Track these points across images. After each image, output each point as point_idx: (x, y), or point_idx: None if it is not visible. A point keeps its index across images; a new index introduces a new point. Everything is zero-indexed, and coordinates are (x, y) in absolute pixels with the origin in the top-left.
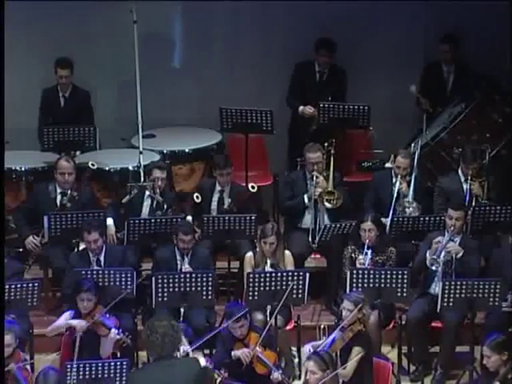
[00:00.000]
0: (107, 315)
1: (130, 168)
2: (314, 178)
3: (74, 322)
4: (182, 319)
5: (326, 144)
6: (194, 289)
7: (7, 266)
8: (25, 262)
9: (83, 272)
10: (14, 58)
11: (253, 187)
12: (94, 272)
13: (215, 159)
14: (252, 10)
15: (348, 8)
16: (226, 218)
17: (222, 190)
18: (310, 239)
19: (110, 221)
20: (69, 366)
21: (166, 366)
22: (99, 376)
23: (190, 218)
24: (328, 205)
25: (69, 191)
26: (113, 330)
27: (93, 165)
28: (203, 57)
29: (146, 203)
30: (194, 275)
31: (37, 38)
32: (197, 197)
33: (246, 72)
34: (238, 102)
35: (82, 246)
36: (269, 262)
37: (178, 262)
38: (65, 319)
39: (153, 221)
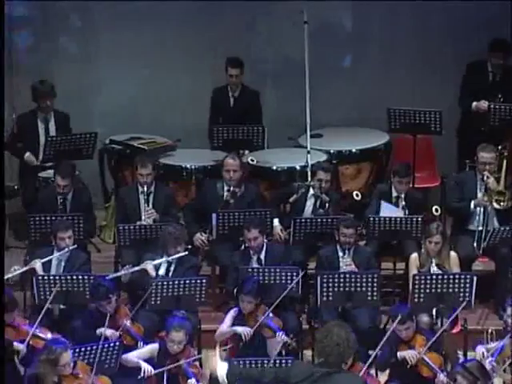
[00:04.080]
0: (271, 315)
1: (297, 167)
2: (485, 178)
3: (240, 330)
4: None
5: (499, 147)
6: (358, 289)
7: (184, 260)
8: None
9: (249, 269)
10: (185, 59)
11: (436, 210)
12: (261, 270)
13: (396, 166)
14: (409, 10)
15: (506, 8)
16: (393, 219)
17: (397, 197)
18: (476, 242)
19: (276, 221)
20: (235, 363)
21: (328, 376)
22: None
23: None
24: (497, 206)
25: (231, 188)
26: (279, 334)
27: (252, 160)
28: (371, 57)
29: (310, 202)
30: (358, 275)
31: (207, 38)
32: (356, 195)
33: (402, 72)
34: (402, 103)
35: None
36: (434, 261)
37: (340, 259)
38: (230, 319)
39: (318, 220)
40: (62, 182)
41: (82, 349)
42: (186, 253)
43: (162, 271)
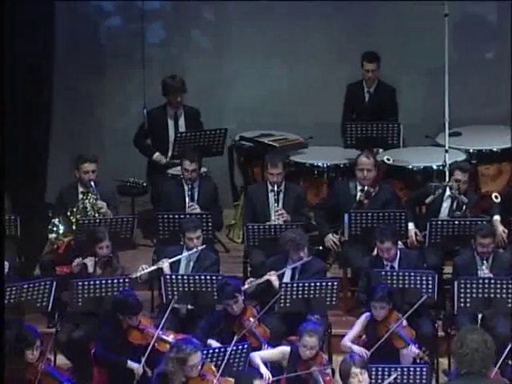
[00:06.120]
0: (404, 323)
1: (434, 167)
2: None
3: (356, 349)
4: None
5: None
6: (498, 295)
7: (309, 266)
8: (325, 261)
9: (382, 273)
10: (319, 54)
11: None
12: (394, 274)
13: None
14: None
15: None
16: None
17: None
18: None
19: (411, 225)
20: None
21: None
22: (398, 380)
23: (497, 217)
24: None
25: (365, 187)
26: (411, 347)
27: (388, 159)
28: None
29: (446, 204)
30: (498, 281)
31: (344, 31)
32: (496, 197)
33: None
34: None
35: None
36: None
37: (478, 267)
38: (360, 324)
39: (456, 222)
40: (190, 167)
41: (210, 351)
42: (310, 258)
43: (286, 279)
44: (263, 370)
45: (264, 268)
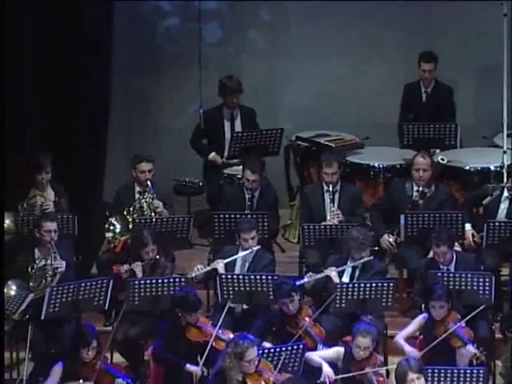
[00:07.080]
0: (462, 324)
1: (492, 168)
2: None
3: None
4: None
5: None
6: None
7: (369, 266)
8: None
9: (439, 274)
10: (374, 55)
11: None
12: (451, 275)
13: None
14: None
15: None
16: None
17: None
18: None
19: (468, 226)
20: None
21: None
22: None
23: None
24: None
25: (420, 188)
26: (469, 346)
27: (442, 159)
28: None
29: (504, 205)
30: None
31: (400, 32)
32: None
33: None
34: None
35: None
36: None
37: None
38: (417, 324)
39: None
40: (251, 177)
41: (266, 350)
42: (371, 258)
43: (345, 278)
44: (326, 367)
45: (323, 266)
